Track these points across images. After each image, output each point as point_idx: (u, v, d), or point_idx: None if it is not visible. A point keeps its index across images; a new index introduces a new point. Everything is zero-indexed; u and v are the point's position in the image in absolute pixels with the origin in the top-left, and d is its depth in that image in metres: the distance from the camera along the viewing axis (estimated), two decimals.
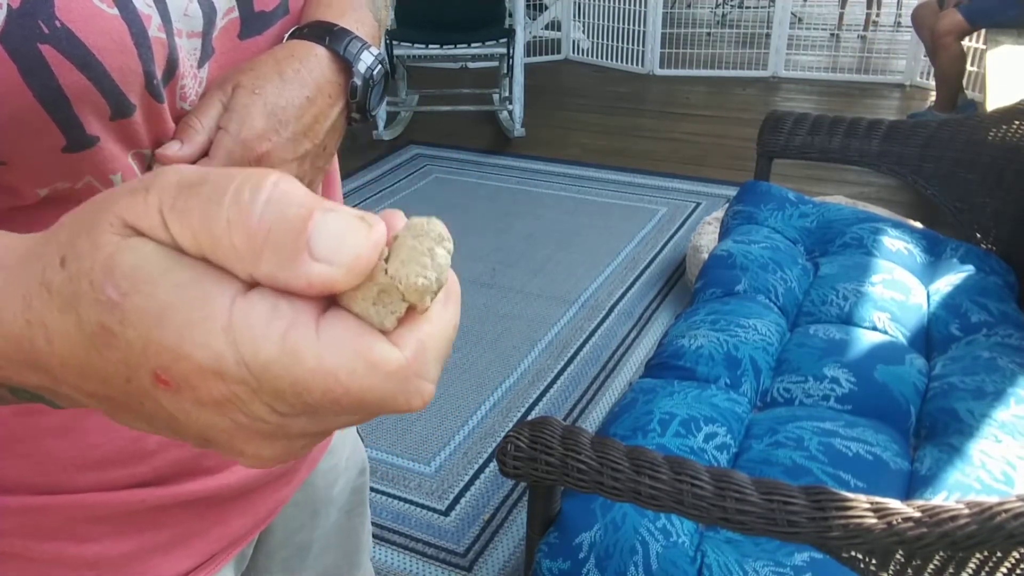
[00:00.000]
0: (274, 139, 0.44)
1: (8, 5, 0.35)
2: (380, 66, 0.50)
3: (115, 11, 0.38)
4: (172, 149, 0.43)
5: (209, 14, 0.44)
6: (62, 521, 0.49)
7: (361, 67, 0.48)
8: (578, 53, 5.40)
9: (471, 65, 4.53)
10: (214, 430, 0.24)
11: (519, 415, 2.03)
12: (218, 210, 0.22)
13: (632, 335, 2.37)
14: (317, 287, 0.22)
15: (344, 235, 0.22)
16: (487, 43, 3.85)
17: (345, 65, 0.48)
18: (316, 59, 0.47)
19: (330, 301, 0.23)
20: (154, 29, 0.40)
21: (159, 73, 0.41)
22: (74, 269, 0.23)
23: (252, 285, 0.23)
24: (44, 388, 0.27)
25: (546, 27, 5.38)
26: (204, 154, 0.44)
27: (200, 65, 0.45)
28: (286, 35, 0.49)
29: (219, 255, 0.22)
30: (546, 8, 5.35)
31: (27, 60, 0.35)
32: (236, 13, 0.46)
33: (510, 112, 3.99)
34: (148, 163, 0.44)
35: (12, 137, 0.37)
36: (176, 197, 0.23)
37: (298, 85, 0.46)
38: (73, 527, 0.49)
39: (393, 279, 0.22)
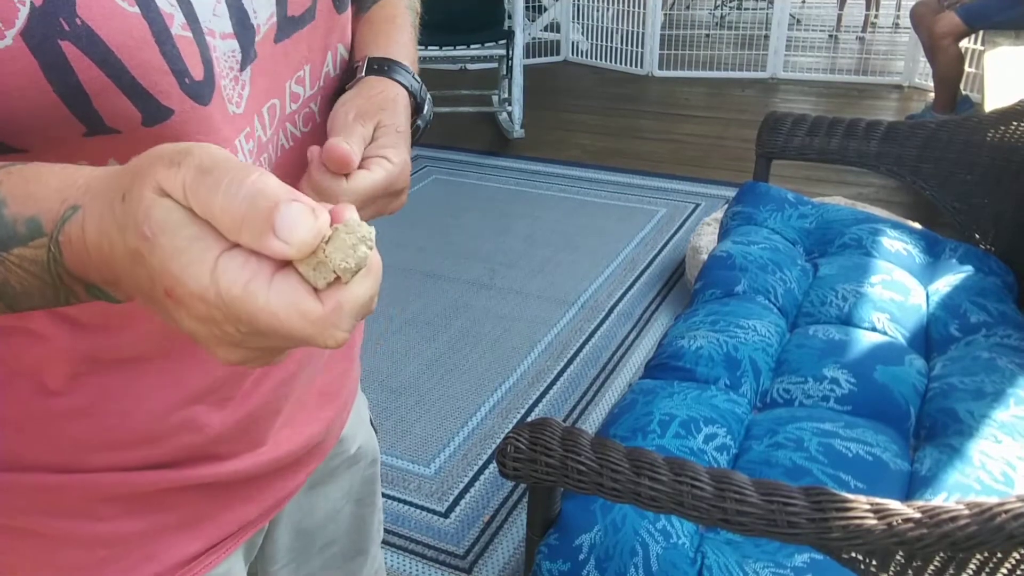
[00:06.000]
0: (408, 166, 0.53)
1: (31, 3, 0.36)
2: (430, 110, 0.59)
3: (136, 9, 0.39)
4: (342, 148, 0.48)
5: (239, 15, 0.45)
6: (77, 499, 0.51)
7: (426, 111, 0.58)
8: (577, 55, 5.40)
9: (470, 66, 4.54)
10: (198, 335, 0.34)
11: (519, 416, 2.03)
12: (215, 197, 0.31)
13: (632, 336, 2.37)
14: (277, 255, 0.32)
15: (297, 223, 0.31)
16: (486, 45, 3.85)
17: (417, 106, 0.57)
18: (402, 98, 0.55)
19: (286, 262, 0.33)
20: (177, 28, 0.41)
21: (196, 74, 0.42)
22: (129, 207, 0.33)
23: (236, 244, 0.32)
24: (110, 283, 0.36)
25: (545, 29, 5.38)
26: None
27: (242, 68, 0.46)
28: (363, 66, 0.55)
29: (215, 225, 0.32)
30: (545, 10, 5.35)
31: (48, 56, 0.37)
32: (275, 18, 0.48)
33: (509, 113, 3.98)
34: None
35: (33, 128, 0.39)
36: (194, 179, 0.32)
37: (404, 118, 0.54)
38: (87, 506, 0.51)
39: (327, 258, 0.32)
